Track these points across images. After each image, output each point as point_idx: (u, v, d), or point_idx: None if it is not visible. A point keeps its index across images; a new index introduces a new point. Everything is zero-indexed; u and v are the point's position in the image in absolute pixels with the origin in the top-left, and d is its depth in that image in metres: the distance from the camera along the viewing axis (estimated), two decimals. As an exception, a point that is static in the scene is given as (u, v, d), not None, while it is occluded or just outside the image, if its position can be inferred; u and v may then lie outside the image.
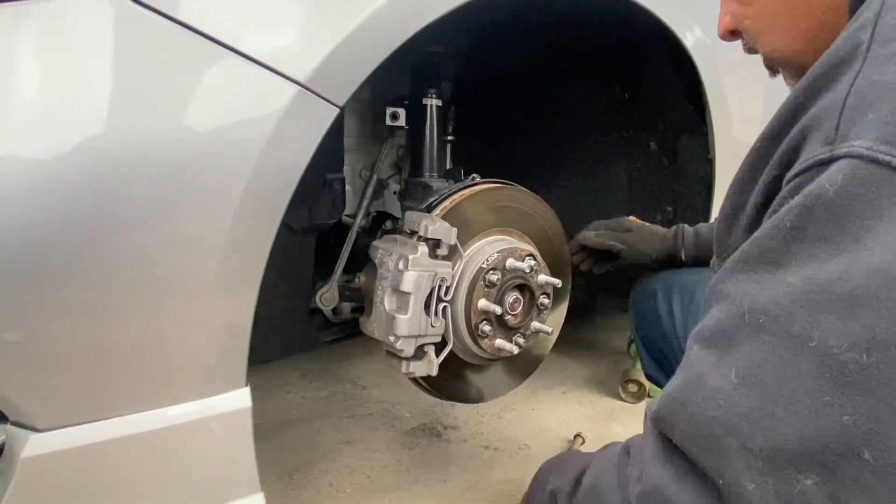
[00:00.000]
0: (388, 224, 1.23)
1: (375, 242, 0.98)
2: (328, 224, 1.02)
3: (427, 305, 0.92)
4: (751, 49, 0.62)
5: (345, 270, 1.07)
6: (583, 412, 1.58)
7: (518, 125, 1.36)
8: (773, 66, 0.62)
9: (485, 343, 0.98)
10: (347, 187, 1.13)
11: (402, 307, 0.91)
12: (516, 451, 1.37)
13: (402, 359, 0.94)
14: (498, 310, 0.96)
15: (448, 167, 1.27)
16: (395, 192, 1.25)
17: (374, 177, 1.15)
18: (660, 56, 1.12)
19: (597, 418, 1.55)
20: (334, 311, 1.12)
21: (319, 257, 1.00)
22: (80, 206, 0.53)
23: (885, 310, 0.35)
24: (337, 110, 0.63)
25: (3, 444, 0.59)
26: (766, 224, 0.42)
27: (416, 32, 0.68)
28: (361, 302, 1.08)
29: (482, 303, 0.96)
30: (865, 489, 0.35)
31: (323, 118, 0.63)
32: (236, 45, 0.57)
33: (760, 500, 0.37)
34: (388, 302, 0.93)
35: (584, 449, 1.37)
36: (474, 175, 1.11)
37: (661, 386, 1.09)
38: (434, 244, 0.92)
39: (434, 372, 0.95)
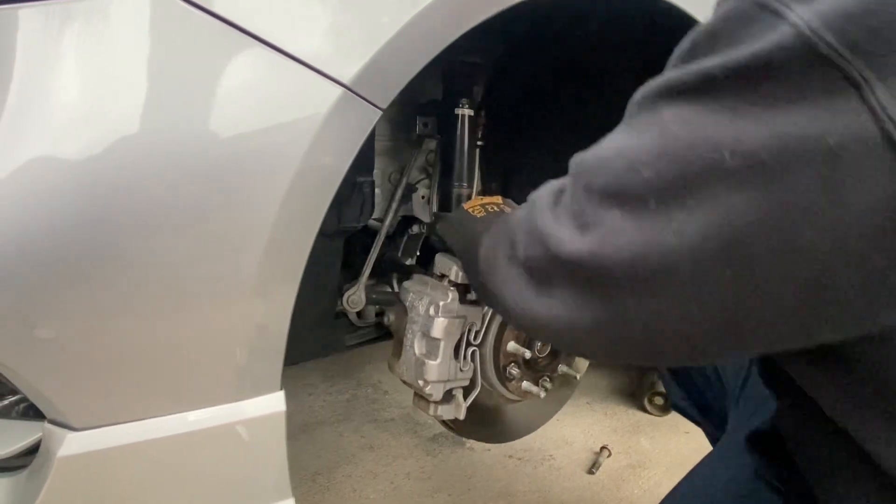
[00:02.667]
0: (415, 228, 1.22)
1: (406, 284, 0.98)
2: (357, 227, 1.01)
3: (456, 349, 0.91)
4: None
5: (371, 274, 1.06)
6: (608, 424, 1.56)
7: (550, 133, 1.34)
8: None
9: (512, 385, 0.98)
10: (377, 190, 1.12)
11: (432, 353, 0.90)
12: (540, 462, 1.35)
13: (430, 402, 0.94)
14: (528, 353, 0.95)
15: (478, 171, 1.25)
16: (423, 197, 1.24)
17: (404, 180, 1.14)
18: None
19: (622, 431, 1.52)
20: (359, 314, 1.11)
21: (344, 260, 0.99)
22: (122, 205, 0.53)
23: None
24: (380, 113, 0.63)
25: (40, 442, 0.59)
26: None
27: (458, 37, 0.67)
28: (389, 304, 1.07)
29: (511, 345, 0.95)
30: (623, 233, 0.41)
31: (366, 121, 0.62)
32: (282, 46, 0.56)
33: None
34: (417, 346, 0.92)
35: (610, 464, 1.35)
36: (507, 200, 1.08)
37: (688, 415, 1.04)
38: (464, 288, 0.90)
39: (462, 415, 0.95)
